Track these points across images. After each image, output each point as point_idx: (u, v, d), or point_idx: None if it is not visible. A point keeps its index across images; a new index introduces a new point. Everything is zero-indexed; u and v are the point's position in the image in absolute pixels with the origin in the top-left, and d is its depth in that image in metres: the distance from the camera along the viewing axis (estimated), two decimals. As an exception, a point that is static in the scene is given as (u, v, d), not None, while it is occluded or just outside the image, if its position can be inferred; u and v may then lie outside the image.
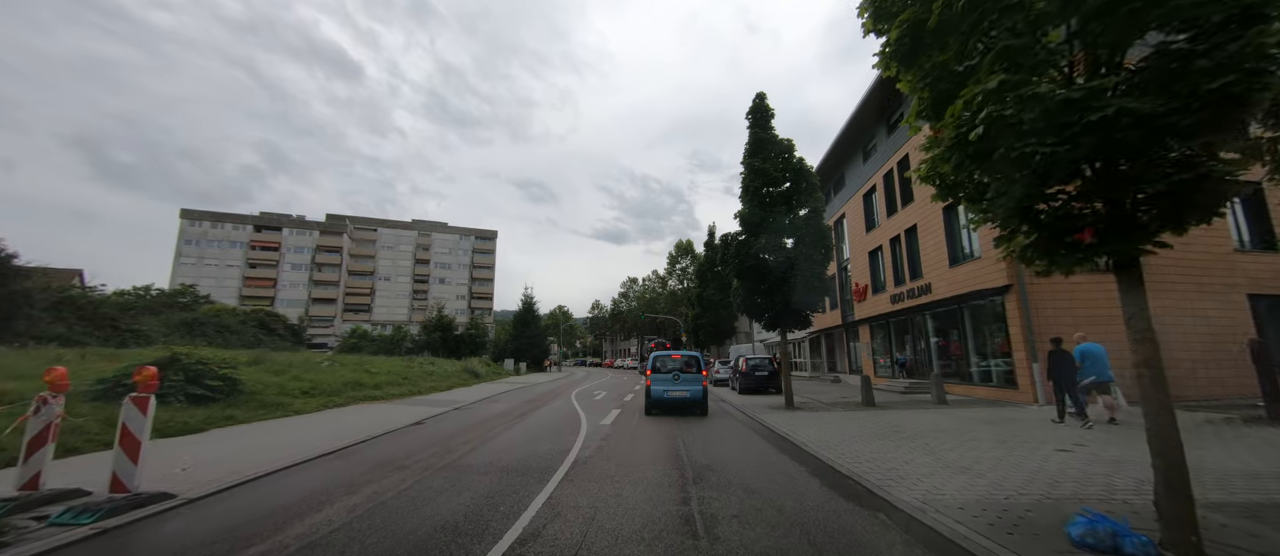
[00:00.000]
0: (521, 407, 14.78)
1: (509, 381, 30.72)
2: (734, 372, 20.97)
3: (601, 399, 17.43)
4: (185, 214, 68.63)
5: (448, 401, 15.99)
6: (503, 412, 13.45)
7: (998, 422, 9.96)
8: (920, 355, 18.93)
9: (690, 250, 66.17)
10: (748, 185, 14.13)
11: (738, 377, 19.17)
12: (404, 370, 26.64)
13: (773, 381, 18.49)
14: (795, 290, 13.41)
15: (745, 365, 18.78)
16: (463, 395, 18.61)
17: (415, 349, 48.11)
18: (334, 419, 11.49)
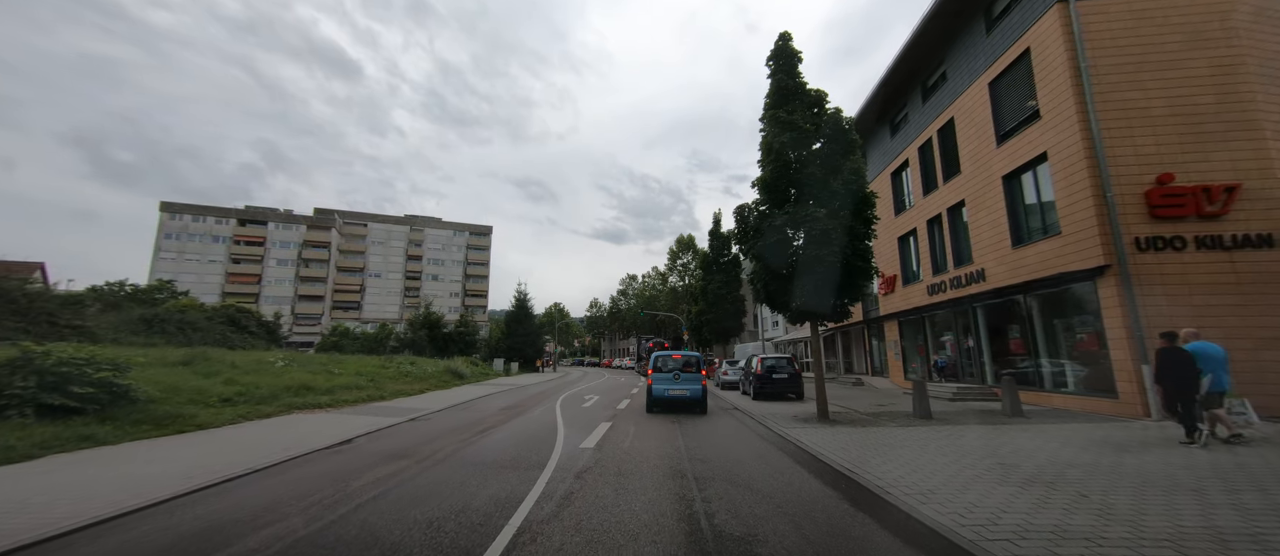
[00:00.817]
0: (492, 418, 12.05)
1: (495, 383, 28.01)
2: (747, 375, 18.25)
3: (591, 406, 14.70)
4: (165, 207, 65.84)
5: (407, 410, 13.28)
6: (464, 426, 10.72)
7: (1129, 448, 7.23)
8: (967, 355, 16.19)
9: (691, 245, 63.40)
10: (769, 145, 11.37)
11: (752, 381, 16.43)
12: (375, 371, 24.04)
13: (793, 385, 15.78)
14: (829, 273, 10.67)
15: (761, 366, 16.03)
16: (430, 401, 15.88)
17: (400, 347, 45.39)
18: (235, 438, 8.76)
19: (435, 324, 45.89)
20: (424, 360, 33.77)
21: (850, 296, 11.08)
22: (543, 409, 13.95)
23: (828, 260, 10.45)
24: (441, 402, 15.62)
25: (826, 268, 10.54)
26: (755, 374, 16.13)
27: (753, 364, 16.97)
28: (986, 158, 14.33)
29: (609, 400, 16.66)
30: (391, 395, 17.61)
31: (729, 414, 13.18)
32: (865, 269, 10.92)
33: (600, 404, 15.31)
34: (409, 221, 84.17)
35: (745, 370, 18.68)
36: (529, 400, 17.04)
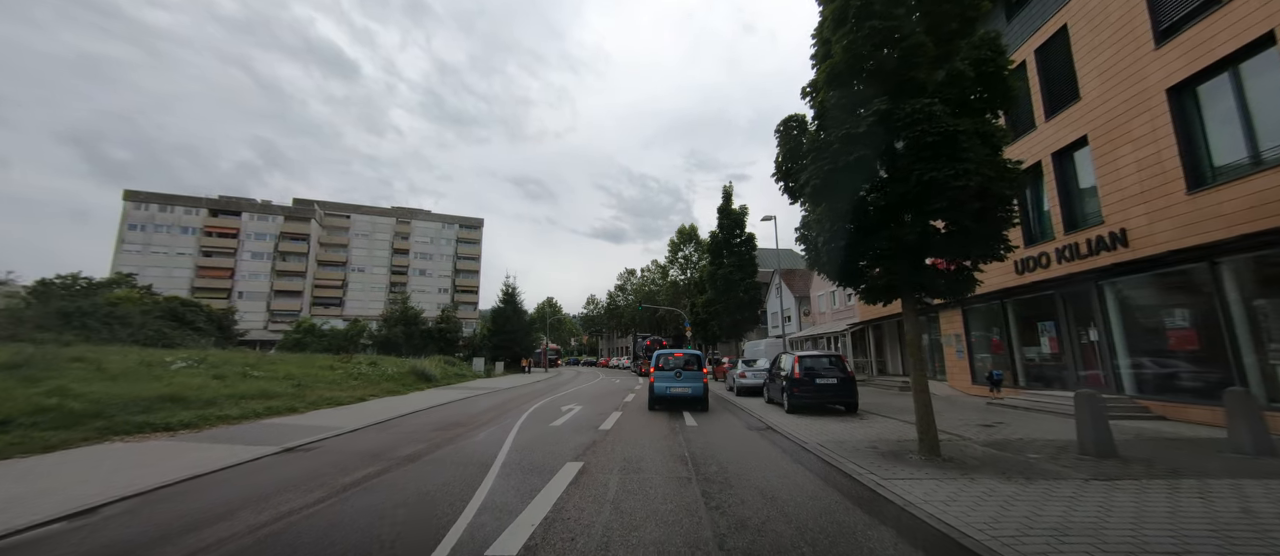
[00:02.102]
0: (408, 446, 7.74)
1: (467, 387, 23.70)
2: (773, 377, 13.95)
3: (564, 424, 10.39)
4: (129, 196, 61.44)
5: (306, 431, 9.13)
6: (348, 464, 6.40)
7: None
8: (1081, 352, 11.86)
9: (694, 235, 59.00)
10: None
11: (785, 387, 12.10)
12: (317, 374, 19.84)
13: (844, 394, 11.47)
14: (951, 212, 6.36)
15: (799, 368, 11.67)
16: (353, 417, 11.62)
17: (374, 345, 41.07)
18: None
19: (413, 320, 41.57)
20: (390, 360, 29.45)
21: (984, 250, 6.73)
22: (495, 430, 9.61)
23: (950, 189, 6.09)
24: (367, 418, 11.36)
25: (946, 201, 6.18)
26: (790, 377, 11.79)
27: (785, 365, 12.62)
28: (1133, 68, 9.98)
29: (593, 411, 12.36)
30: (312, 406, 13.42)
31: (762, 437, 8.86)
32: (1007, 201, 6.55)
33: (578, 420, 10.99)
34: (395, 213, 79.83)
35: (772, 373, 14.35)
36: (487, 412, 12.73)
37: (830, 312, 32.20)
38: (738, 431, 9.61)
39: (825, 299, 33.03)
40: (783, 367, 12.86)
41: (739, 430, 9.79)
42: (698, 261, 55.28)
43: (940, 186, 6.10)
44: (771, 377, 14.18)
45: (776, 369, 13.84)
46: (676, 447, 7.86)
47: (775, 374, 13.89)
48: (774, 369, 14.28)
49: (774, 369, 14.28)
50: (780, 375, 13.06)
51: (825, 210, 7.15)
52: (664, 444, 8.16)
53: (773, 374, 14.20)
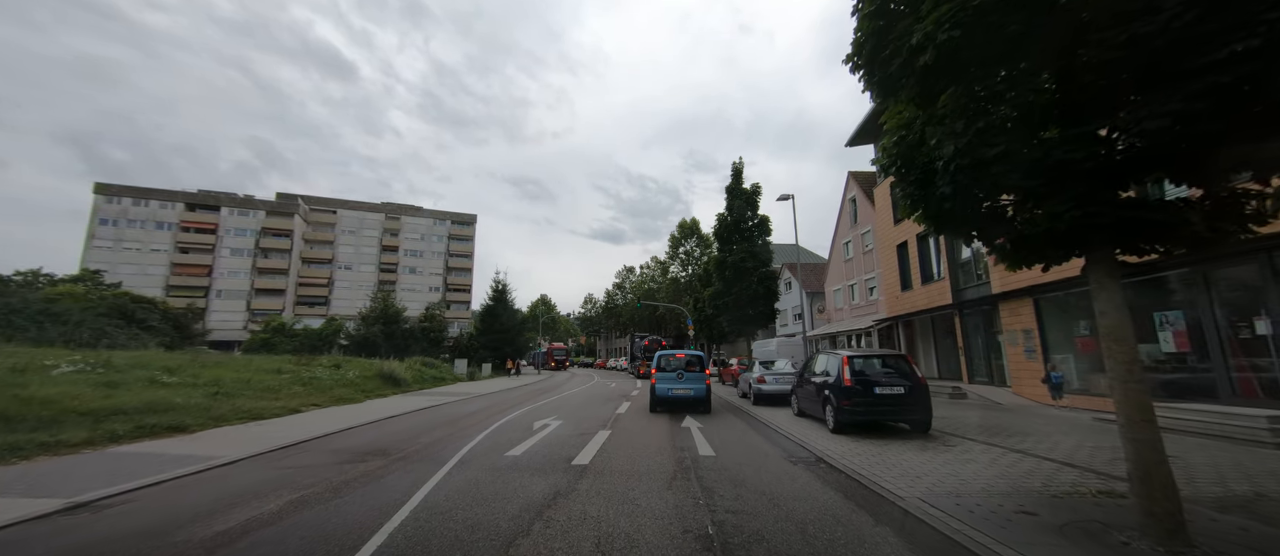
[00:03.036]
0: (275, 500, 4.68)
1: (440, 392, 20.67)
2: (802, 384, 10.92)
3: (529, 451, 7.36)
4: (100, 189, 58.29)
5: (165, 462, 6.27)
6: (131, 545, 3.31)
7: None
8: (1224, 349, 8.80)
9: (695, 230, 56.00)
10: None
11: (828, 397, 9.03)
12: (256, 378, 16.89)
13: (913, 407, 8.41)
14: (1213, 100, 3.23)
15: (850, 372, 8.60)
16: (264, 436, 8.76)
17: (351, 346, 37.98)
18: None
19: (393, 319, 38.47)
20: (357, 362, 26.39)
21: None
22: (420, 466, 6.55)
23: (1215, 45, 2.99)
24: (272, 440, 8.49)
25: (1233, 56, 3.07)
26: (838, 385, 8.73)
27: (828, 369, 9.54)
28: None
29: (572, 431, 9.28)
30: (217, 422, 10.55)
31: (815, 479, 5.81)
32: None
33: (549, 446, 7.91)
34: (384, 209, 76.73)
35: (802, 378, 11.28)
36: (437, 429, 9.69)
37: (848, 309, 29.14)
38: (774, 466, 6.56)
39: (842, 293, 29.97)
40: (823, 372, 9.79)
41: (776, 463, 6.73)
42: (700, 257, 52.25)
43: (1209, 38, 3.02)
44: (801, 384, 11.10)
45: (809, 374, 10.79)
46: (688, 504, 4.82)
47: (806, 379, 10.83)
48: (804, 374, 11.21)
49: (804, 374, 11.21)
50: (816, 381, 10.00)
51: (952, 102, 4.09)
52: (667, 497, 5.11)
53: (803, 379, 11.14)
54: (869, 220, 26.54)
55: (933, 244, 18.56)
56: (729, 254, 20.27)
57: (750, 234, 20.40)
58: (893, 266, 21.31)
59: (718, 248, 21.31)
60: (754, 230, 20.53)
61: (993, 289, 14.46)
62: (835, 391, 8.78)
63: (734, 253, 20.04)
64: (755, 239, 20.37)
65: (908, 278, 20.51)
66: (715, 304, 21.24)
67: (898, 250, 20.96)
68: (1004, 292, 13.97)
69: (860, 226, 27.61)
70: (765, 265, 20.24)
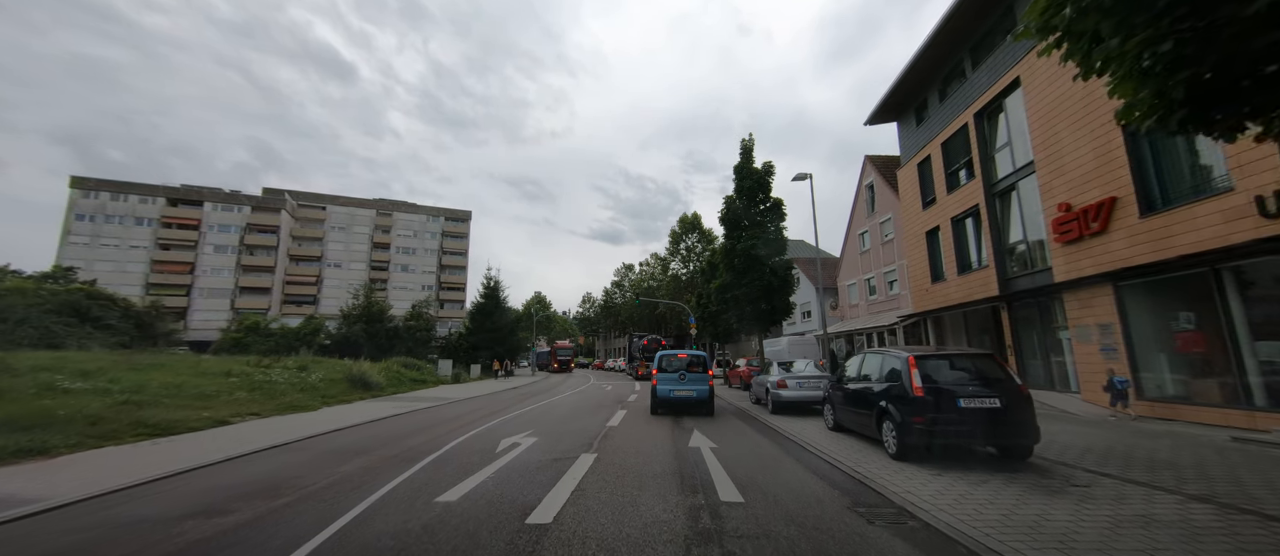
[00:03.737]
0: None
1: (415, 397, 18.42)
2: (837, 388, 8.67)
3: (470, 496, 5.10)
4: (77, 183, 55.96)
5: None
6: None
7: None
8: None
9: (697, 225, 53.80)
10: None
11: (886, 410, 6.72)
12: (196, 381, 14.70)
13: (1013, 426, 6.08)
14: None
15: (918, 377, 6.30)
16: (155, 459, 6.68)
17: (333, 346, 35.62)
18: None
19: (377, 317, 36.15)
20: (329, 363, 24.10)
21: None
22: (295, 528, 4.23)
23: None
24: (156, 467, 6.51)
25: None
26: (905, 396, 6.43)
27: (884, 371, 7.22)
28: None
29: (542, 458, 6.97)
30: (104, 440, 8.45)
31: (906, 544, 3.50)
32: None
33: (502, 485, 5.60)
34: (376, 204, 74.40)
35: (839, 384, 8.97)
36: (379, 448, 7.38)
37: (865, 304, 26.86)
38: (840, 525, 4.26)
39: (857, 288, 27.69)
40: (874, 378, 7.48)
41: (840, 518, 4.44)
42: (702, 253, 49.95)
43: None
44: (845, 393, 8.78)
45: (849, 379, 8.50)
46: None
47: (845, 385, 8.54)
48: (841, 379, 8.92)
49: (841, 379, 8.92)
50: (863, 389, 7.72)
51: None
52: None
53: (840, 386, 8.85)
54: (889, 208, 24.26)
55: (971, 227, 16.28)
56: (738, 241, 17.95)
57: (762, 219, 18.08)
58: (921, 256, 19.02)
59: (725, 235, 18.95)
60: (766, 215, 18.20)
61: (1056, 276, 12.17)
62: (899, 404, 6.48)
63: (744, 240, 17.71)
64: (767, 224, 18.05)
65: (939, 268, 18.24)
66: (722, 298, 18.88)
67: (927, 238, 18.67)
68: (1072, 280, 11.68)
69: (878, 215, 25.34)
70: (780, 253, 17.91)
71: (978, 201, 15.43)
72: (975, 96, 15.40)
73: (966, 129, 16.01)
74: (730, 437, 8.92)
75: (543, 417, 11.91)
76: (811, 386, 11.63)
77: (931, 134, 18.19)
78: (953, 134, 16.80)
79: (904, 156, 20.43)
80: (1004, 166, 14.68)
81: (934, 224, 18.15)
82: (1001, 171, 14.82)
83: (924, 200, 18.90)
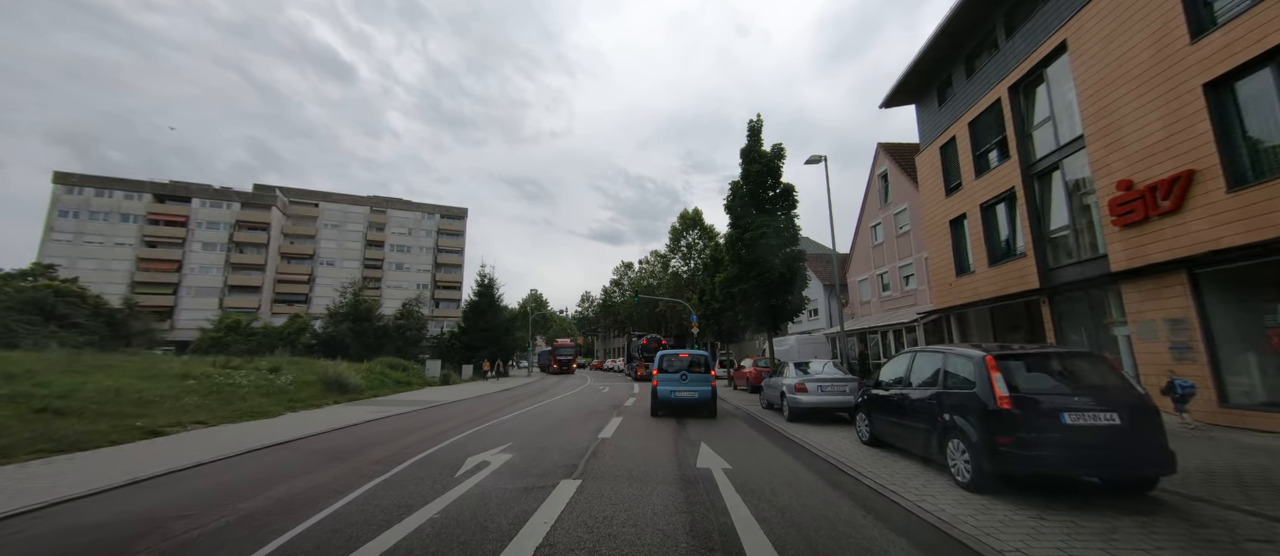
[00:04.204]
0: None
1: (393, 401, 16.94)
2: (879, 396, 7.11)
3: (403, 548, 3.50)
4: (60, 178, 54.39)
5: None
6: None
7: None
8: None
9: (698, 221, 52.31)
10: None
11: (956, 427, 5.24)
12: (137, 385, 13.20)
13: (1137, 449, 4.52)
14: None
15: (1001, 384, 4.75)
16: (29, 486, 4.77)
17: (318, 346, 34.10)
18: None
19: (364, 315, 34.62)
20: (305, 363, 22.59)
21: None
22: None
23: None
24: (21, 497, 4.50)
25: None
26: (979, 406, 4.91)
27: (948, 376, 5.67)
28: None
29: (521, 480, 5.44)
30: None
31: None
32: None
33: (465, 520, 4.06)
34: (370, 202, 72.82)
35: (879, 391, 7.45)
36: (322, 467, 5.90)
37: (877, 302, 25.34)
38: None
39: (869, 284, 26.16)
40: (933, 381, 5.95)
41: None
42: (703, 249, 48.44)
43: None
44: (886, 400, 7.25)
45: (890, 384, 6.98)
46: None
47: (885, 391, 7.03)
48: (879, 383, 7.39)
49: (879, 383, 7.39)
50: (906, 394, 6.20)
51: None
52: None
53: (877, 391, 7.33)
54: (905, 197, 22.74)
55: (1004, 214, 14.76)
56: (746, 230, 16.37)
57: (771, 207, 16.52)
58: (944, 247, 17.50)
59: (731, 225, 17.37)
60: (776, 202, 16.64)
61: (1113, 264, 10.64)
62: (973, 418, 4.94)
63: (752, 230, 16.14)
64: (777, 211, 16.50)
65: (964, 260, 16.73)
66: (727, 292, 17.29)
67: (951, 227, 17.15)
68: (1134, 268, 10.15)
69: (893, 205, 23.81)
70: (792, 244, 16.35)
71: (1013, 184, 13.90)
72: (1010, 68, 13.88)
73: (999, 105, 14.48)
74: (745, 453, 7.40)
75: (526, 426, 10.38)
76: (835, 390, 10.11)
77: (956, 113, 16.66)
78: (982, 112, 15.28)
79: (924, 140, 18.90)
80: (1044, 144, 13.15)
81: (959, 212, 16.63)
82: (1041, 150, 13.30)
83: (948, 186, 17.38)
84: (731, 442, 8.32)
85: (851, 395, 9.92)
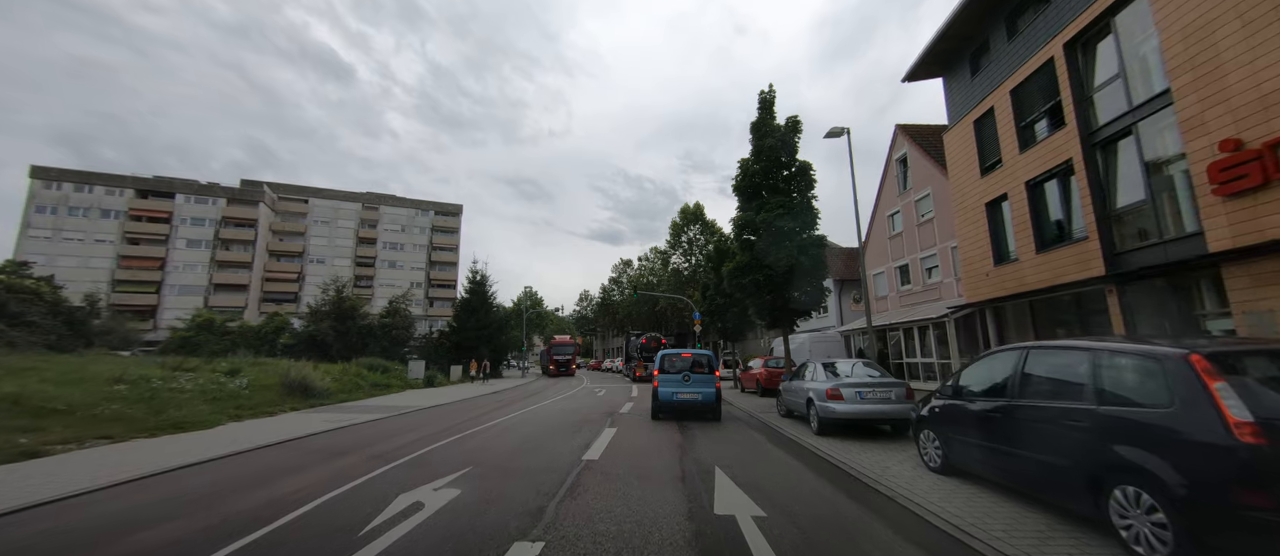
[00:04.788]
0: None
1: (367, 406, 15.10)
2: (952, 404, 5.20)
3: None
4: (37, 173, 52.43)
5: None
6: None
7: None
8: None
9: (699, 216, 50.44)
10: None
11: (1148, 476, 3.34)
12: (52, 390, 11.30)
13: None
14: None
15: (1249, 410, 2.74)
16: None
17: (298, 346, 32.17)
18: None
19: (347, 313, 32.68)
20: (273, 364, 20.67)
21: None
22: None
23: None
24: None
25: None
26: (1191, 440, 3.00)
27: (1096, 378, 3.71)
28: None
29: (457, 542, 3.54)
30: None
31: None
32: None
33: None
34: (362, 198, 70.91)
35: (959, 396, 5.51)
36: (188, 512, 3.91)
37: (895, 296, 23.42)
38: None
39: (885, 278, 24.25)
40: (1100, 396, 3.98)
41: None
42: (705, 246, 46.56)
43: None
44: (975, 416, 5.32)
45: (976, 394, 5.06)
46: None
47: (962, 400, 5.11)
48: (963, 389, 5.48)
49: (963, 389, 5.48)
50: (1013, 408, 4.28)
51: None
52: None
53: (962, 404, 5.41)
54: (927, 182, 20.83)
55: (1056, 191, 12.85)
56: (758, 212, 14.40)
57: (786, 185, 14.59)
58: (979, 233, 15.61)
59: (739, 208, 15.41)
60: (791, 181, 14.71)
61: (1211, 244, 8.73)
62: (1176, 459, 3.03)
63: (766, 209, 14.15)
64: (793, 193, 14.58)
65: (1004, 246, 14.84)
66: (736, 283, 15.34)
67: (988, 210, 15.25)
68: (1245, 247, 8.23)
69: (914, 192, 21.89)
70: (810, 228, 14.40)
71: (1070, 156, 11.98)
72: (1067, 20, 11.96)
73: (1051, 66, 12.56)
74: (777, 485, 5.50)
75: (497, 442, 8.45)
76: (878, 397, 8.19)
77: (995, 82, 14.75)
78: (1029, 76, 13.36)
79: (953, 116, 16.99)
80: (1111, 106, 11.23)
81: (999, 192, 14.72)
82: (1106, 114, 11.37)
83: (983, 165, 15.47)
84: (755, 467, 6.41)
85: (900, 403, 8.02)
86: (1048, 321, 14.71)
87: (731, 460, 6.80)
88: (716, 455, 7.16)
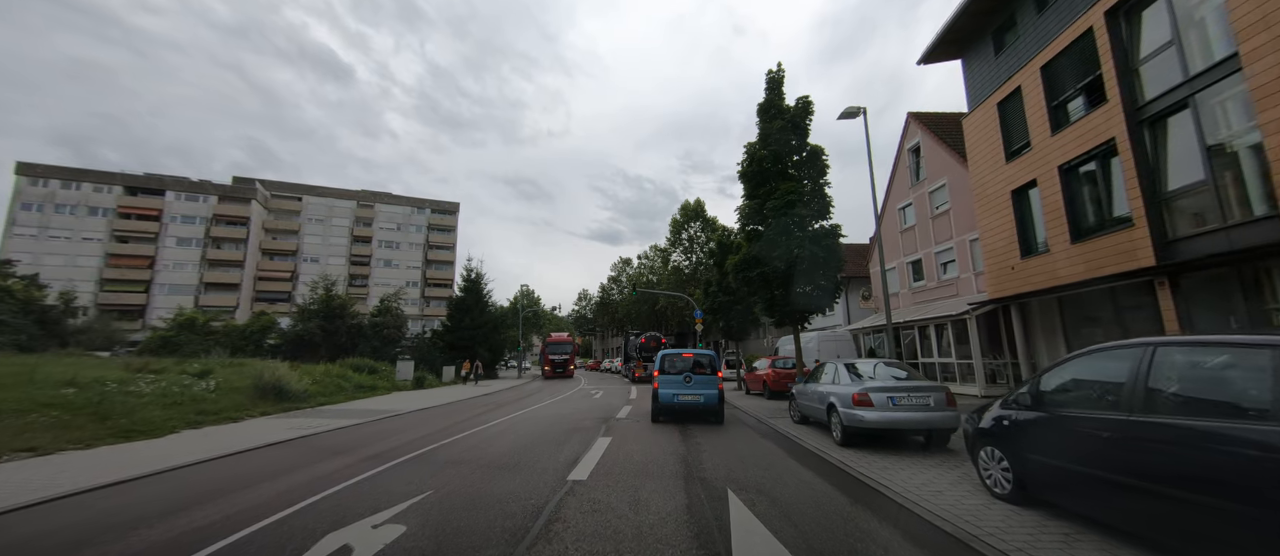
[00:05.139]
0: None
1: (344, 411, 13.98)
2: (1055, 405, 4.14)
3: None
4: (23, 169, 51.26)
5: None
6: None
7: None
8: None
9: (700, 212, 49.38)
10: None
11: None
12: (7, 394, 10.10)
13: None
14: None
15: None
16: None
17: (286, 346, 31.03)
18: None
19: (337, 312, 31.54)
20: (251, 365, 19.52)
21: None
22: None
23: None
24: None
25: None
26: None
27: None
28: None
29: None
30: None
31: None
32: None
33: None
34: (356, 195, 69.75)
35: (1036, 403, 4.35)
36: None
37: (907, 292, 22.30)
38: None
39: (898, 273, 23.11)
40: (1254, 394, 2.85)
41: None
42: (706, 243, 45.47)
43: None
44: (1052, 434, 4.19)
45: (1083, 406, 3.93)
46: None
47: (1062, 415, 3.98)
48: (1037, 403, 4.36)
49: (1037, 403, 4.36)
50: (1160, 429, 3.16)
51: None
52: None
53: (1047, 416, 4.28)
54: (943, 172, 19.72)
55: (1097, 175, 11.73)
56: (766, 199, 13.25)
57: (797, 170, 13.47)
58: (1003, 224, 14.50)
59: (746, 196, 14.27)
60: (803, 167, 13.58)
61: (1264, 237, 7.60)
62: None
63: (775, 196, 13.00)
64: (803, 179, 13.46)
65: (1032, 237, 13.75)
66: (742, 277, 14.20)
67: (1014, 198, 14.14)
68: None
69: (928, 182, 20.78)
70: (823, 216, 13.26)
71: (1112, 135, 10.86)
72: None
73: (1089, 37, 11.45)
74: (816, 524, 4.36)
75: (473, 455, 7.32)
76: (914, 403, 7.07)
77: (1023, 59, 13.64)
78: (1064, 49, 12.25)
79: (974, 99, 15.88)
80: (1161, 79, 10.11)
81: (1027, 178, 13.61)
82: (1155, 88, 10.25)
83: (1009, 149, 14.36)
84: (776, 492, 5.29)
85: (940, 411, 6.90)
86: (1077, 319, 13.64)
87: (747, 481, 5.68)
88: (728, 473, 6.04)
